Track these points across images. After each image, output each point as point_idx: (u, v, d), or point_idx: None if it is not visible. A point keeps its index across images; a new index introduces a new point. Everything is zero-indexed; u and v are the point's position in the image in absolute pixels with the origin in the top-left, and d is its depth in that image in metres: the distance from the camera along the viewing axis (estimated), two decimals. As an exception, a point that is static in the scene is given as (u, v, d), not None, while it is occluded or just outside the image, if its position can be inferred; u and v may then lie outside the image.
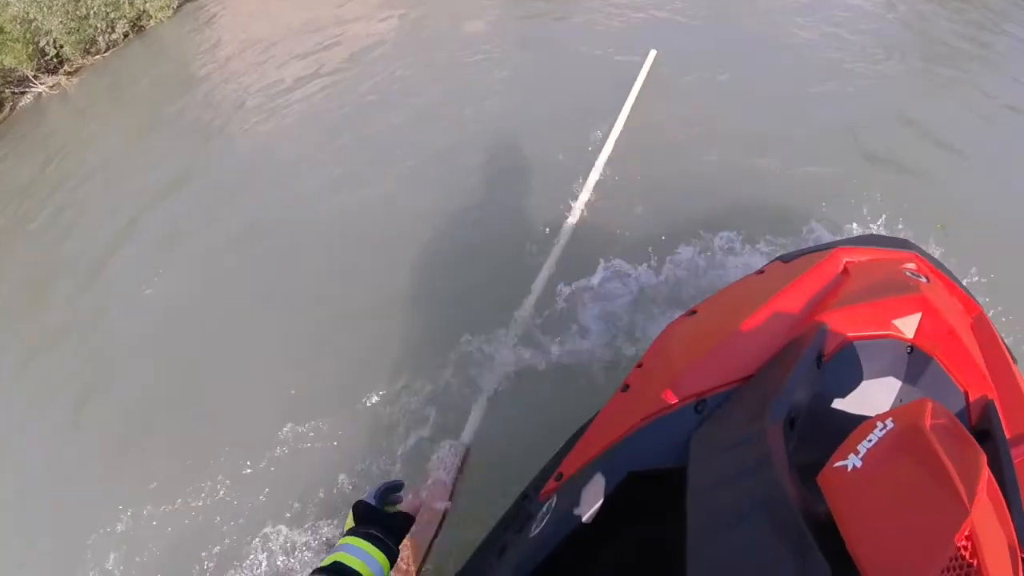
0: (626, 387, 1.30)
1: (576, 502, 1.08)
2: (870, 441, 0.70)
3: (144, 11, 7.89)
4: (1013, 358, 1.11)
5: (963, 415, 0.94)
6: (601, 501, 1.05)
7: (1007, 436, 0.86)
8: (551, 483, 1.27)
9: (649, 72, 4.00)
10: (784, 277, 1.23)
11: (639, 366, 1.33)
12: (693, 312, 1.37)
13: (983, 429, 0.88)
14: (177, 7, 8.32)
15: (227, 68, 6.30)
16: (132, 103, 6.37)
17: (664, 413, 1.10)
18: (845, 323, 1.02)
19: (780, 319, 1.10)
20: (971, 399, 0.94)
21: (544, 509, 1.18)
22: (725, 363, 1.10)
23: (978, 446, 0.69)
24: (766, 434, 0.83)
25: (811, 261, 1.26)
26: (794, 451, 0.87)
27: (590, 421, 1.35)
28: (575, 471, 1.22)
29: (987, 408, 0.91)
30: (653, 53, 3.94)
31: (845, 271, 1.21)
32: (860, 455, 0.69)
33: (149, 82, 6.70)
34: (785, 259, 1.43)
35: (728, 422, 0.98)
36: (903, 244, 1.43)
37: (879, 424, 0.72)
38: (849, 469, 0.68)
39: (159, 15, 8.01)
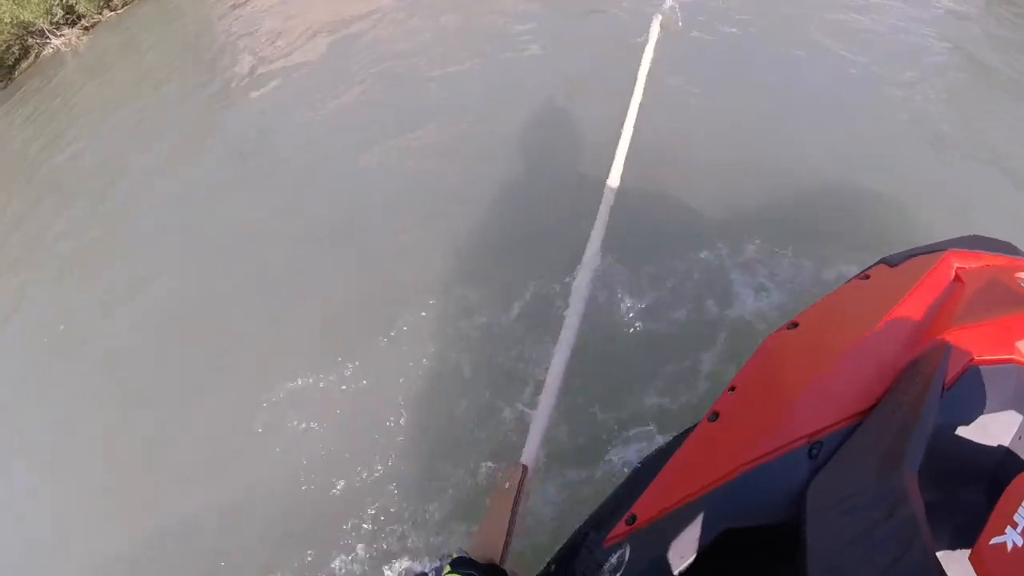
0: (715, 415, 1.12)
1: (658, 557, 0.95)
2: None
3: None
4: None
5: None
6: (692, 560, 0.92)
7: None
8: (621, 526, 1.11)
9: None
10: (894, 284, 1.11)
11: (731, 389, 1.14)
12: (795, 324, 1.18)
13: None
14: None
15: (242, 33, 6.37)
16: (140, 62, 6.56)
17: (770, 457, 0.94)
18: (967, 343, 0.91)
19: (897, 336, 0.98)
20: None
21: (614, 560, 1.05)
22: (841, 393, 0.95)
23: None
24: (906, 491, 0.70)
25: (921, 266, 1.14)
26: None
27: (665, 451, 1.20)
28: (653, 517, 1.06)
29: None
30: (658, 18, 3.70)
31: (958, 279, 1.09)
32: (1020, 528, 0.59)
33: (158, 42, 6.88)
34: (891, 262, 1.28)
35: (852, 471, 0.85)
36: (1011, 249, 1.29)
37: None
38: (1009, 548, 0.58)
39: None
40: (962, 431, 0.89)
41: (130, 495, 2.62)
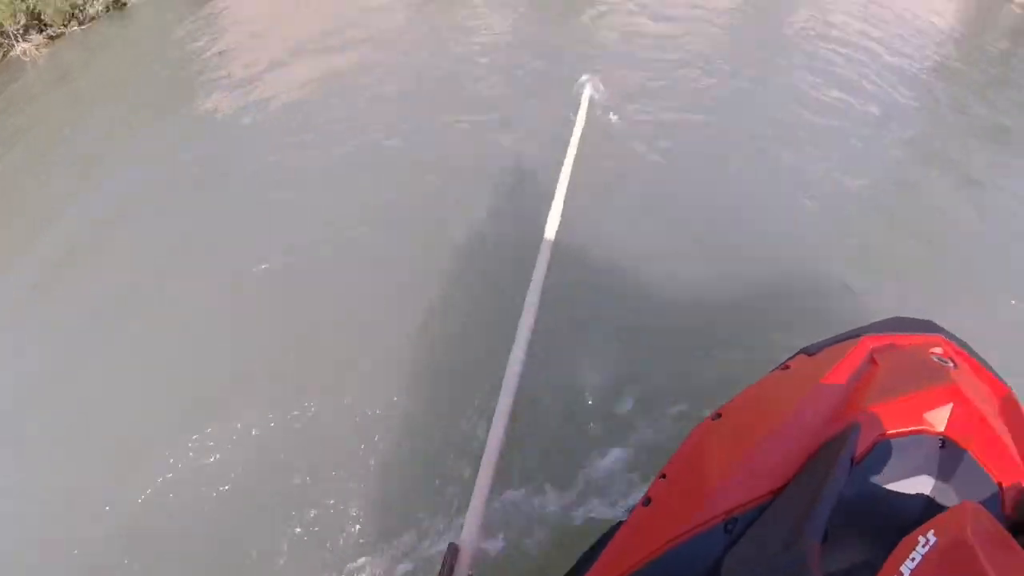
0: (648, 500, 1.23)
1: None
2: (913, 560, 0.67)
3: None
4: None
5: (998, 506, 0.90)
6: None
7: None
8: None
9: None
10: (811, 373, 1.20)
11: (662, 476, 1.25)
12: (718, 415, 1.29)
13: (1020, 522, 0.86)
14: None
15: (203, 56, 6.45)
16: (101, 75, 6.60)
17: (692, 534, 1.03)
18: (877, 420, 0.99)
19: (810, 421, 1.05)
20: (1005, 488, 0.91)
21: None
22: (755, 475, 1.04)
23: (1022, 552, 0.68)
24: (806, 561, 0.78)
25: (838, 353, 1.23)
26: (828, 561, 0.83)
27: (607, 536, 1.27)
28: None
29: (1021, 497, 0.89)
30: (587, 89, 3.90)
31: (873, 361, 1.18)
32: None
33: (119, 58, 6.97)
34: (809, 351, 1.38)
35: (762, 543, 0.93)
36: (928, 327, 1.39)
37: (921, 539, 0.68)
38: None
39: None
40: (876, 498, 0.97)
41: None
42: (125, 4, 8.20)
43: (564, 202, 3.33)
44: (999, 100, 6.20)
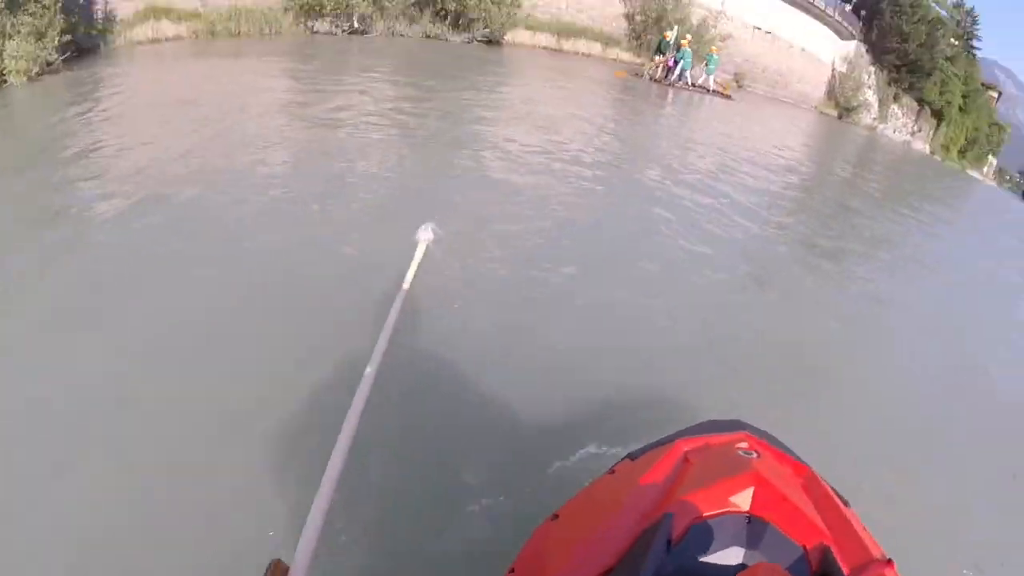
0: None
1: None
2: None
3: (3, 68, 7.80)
4: (845, 501, 1.27)
5: (805, 565, 1.03)
6: None
7: (847, 571, 0.99)
8: None
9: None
10: (633, 475, 1.34)
11: (511, 571, 1.33)
12: (556, 516, 1.41)
13: (824, 573, 1.00)
14: (46, 71, 8.31)
15: (81, 143, 6.16)
16: None
17: None
18: (689, 507, 1.11)
19: (631, 516, 1.17)
20: (809, 550, 1.05)
21: None
22: (585, 565, 1.14)
23: None
24: None
25: (656, 456, 1.37)
26: None
27: None
28: None
29: (824, 554, 1.02)
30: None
31: (687, 460, 1.32)
32: None
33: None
34: (633, 456, 1.52)
35: None
36: (736, 426, 1.57)
37: None
38: None
39: (17, 78, 7.73)
40: (693, 573, 1.07)
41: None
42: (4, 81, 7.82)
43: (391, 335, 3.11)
44: (838, 225, 7.41)
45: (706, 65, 20.53)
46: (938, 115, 51.77)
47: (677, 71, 19.52)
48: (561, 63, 19.13)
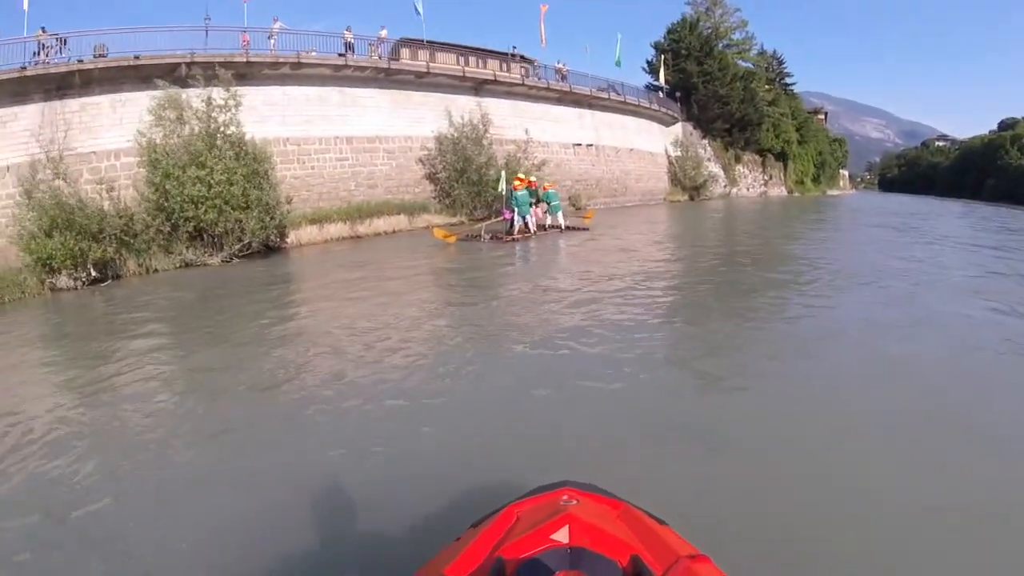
0: None
1: None
2: None
3: None
4: (661, 521, 1.46)
5: (619, 572, 1.17)
6: None
7: (657, 572, 1.15)
8: None
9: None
10: (473, 538, 1.43)
11: None
12: None
13: (637, 574, 1.14)
14: None
15: None
16: None
17: None
18: (517, 550, 1.25)
19: (469, 568, 1.27)
20: (624, 563, 1.19)
21: None
22: None
23: None
24: None
25: (492, 520, 1.49)
26: None
27: None
28: None
29: (634, 562, 1.17)
30: None
31: (518, 519, 1.47)
32: None
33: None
34: (475, 524, 1.60)
35: None
36: (561, 484, 1.66)
37: None
38: None
39: None
40: None
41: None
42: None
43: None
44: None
45: (548, 204, 16.63)
46: (782, 156, 53.67)
47: (521, 221, 15.41)
48: (364, 252, 15.08)
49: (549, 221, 16.68)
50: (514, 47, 26.96)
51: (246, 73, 17.99)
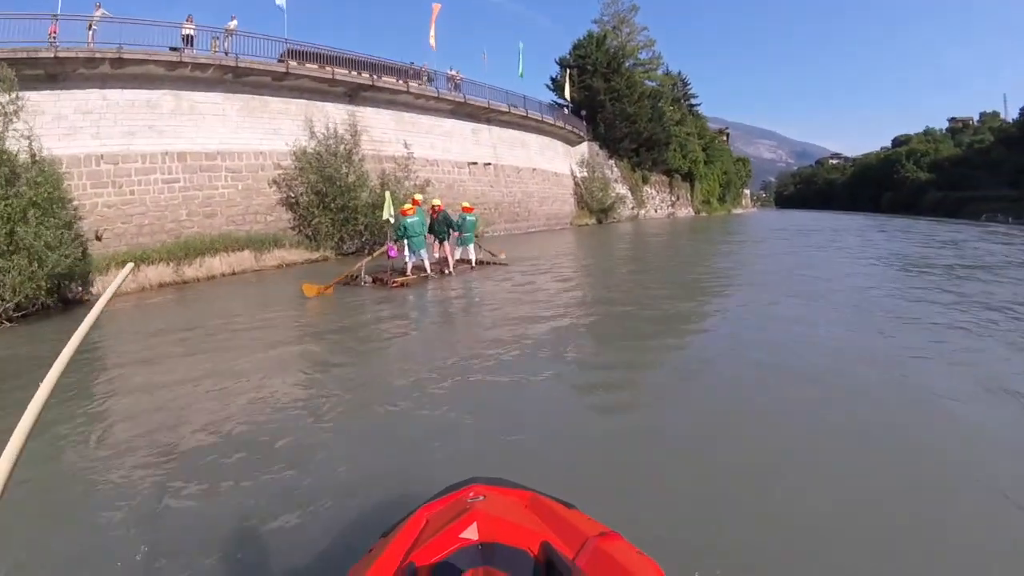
0: None
1: None
2: None
3: None
4: (569, 505, 1.49)
5: (531, 562, 1.20)
6: None
7: (569, 555, 1.18)
8: None
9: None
10: (385, 547, 1.39)
11: None
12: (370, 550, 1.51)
13: (548, 562, 1.16)
14: None
15: None
16: None
17: None
18: (428, 554, 1.26)
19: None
20: (535, 551, 1.22)
21: None
22: None
23: None
24: None
25: (402, 526, 1.48)
26: None
27: None
28: None
29: (544, 549, 1.20)
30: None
31: (427, 522, 1.45)
32: None
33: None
34: (385, 533, 1.57)
35: None
36: (470, 482, 1.64)
37: None
38: None
39: None
40: None
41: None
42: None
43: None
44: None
45: (459, 234, 12.62)
46: (689, 177, 53.43)
47: (414, 257, 11.47)
48: (185, 308, 10.94)
49: (458, 254, 12.84)
50: (412, 62, 23.66)
51: (58, 73, 14.18)
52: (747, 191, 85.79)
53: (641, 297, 9.27)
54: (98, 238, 14.40)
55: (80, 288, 11.84)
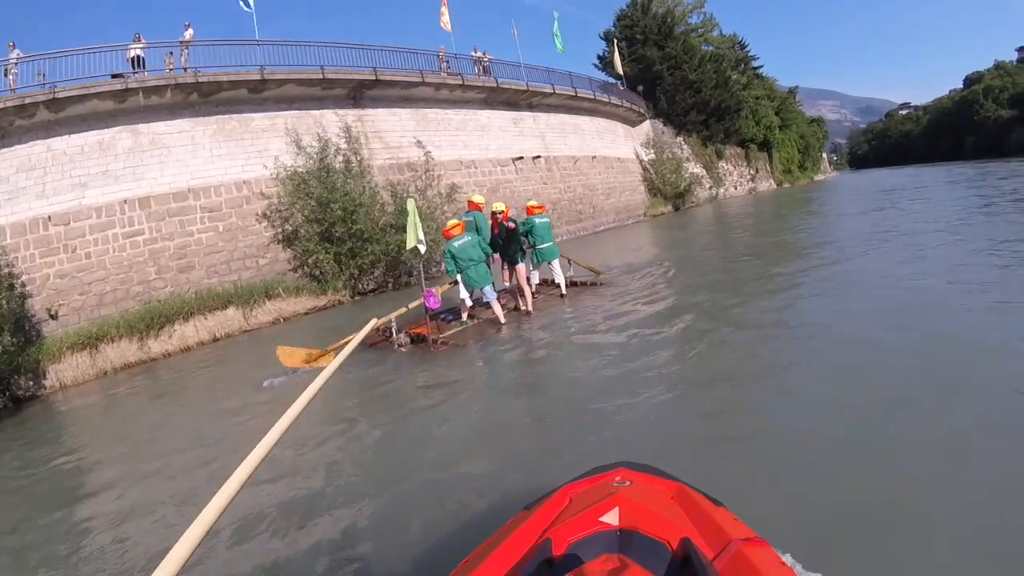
0: None
1: None
2: None
3: None
4: (717, 502, 1.44)
5: (669, 555, 1.19)
6: None
7: (709, 555, 1.15)
8: None
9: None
10: (526, 520, 1.46)
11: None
12: (466, 562, 1.47)
13: (686, 559, 1.14)
14: None
15: None
16: None
17: None
18: (566, 533, 1.30)
19: (518, 547, 1.32)
20: (674, 545, 1.20)
21: None
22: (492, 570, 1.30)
23: None
24: None
25: (545, 502, 1.53)
26: None
27: None
28: None
29: (684, 545, 1.17)
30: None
31: (570, 501, 1.50)
32: None
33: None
34: (528, 507, 1.59)
35: None
36: (617, 465, 1.65)
37: None
38: None
39: None
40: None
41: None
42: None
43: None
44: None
45: (532, 245, 7.81)
46: (765, 145, 47.19)
47: (468, 299, 7.12)
48: (173, 400, 7.13)
49: (536, 279, 8.27)
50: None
51: (-8, 131, 11.09)
52: (824, 155, 77.59)
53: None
54: (52, 316, 11.13)
55: (31, 383, 9.59)
